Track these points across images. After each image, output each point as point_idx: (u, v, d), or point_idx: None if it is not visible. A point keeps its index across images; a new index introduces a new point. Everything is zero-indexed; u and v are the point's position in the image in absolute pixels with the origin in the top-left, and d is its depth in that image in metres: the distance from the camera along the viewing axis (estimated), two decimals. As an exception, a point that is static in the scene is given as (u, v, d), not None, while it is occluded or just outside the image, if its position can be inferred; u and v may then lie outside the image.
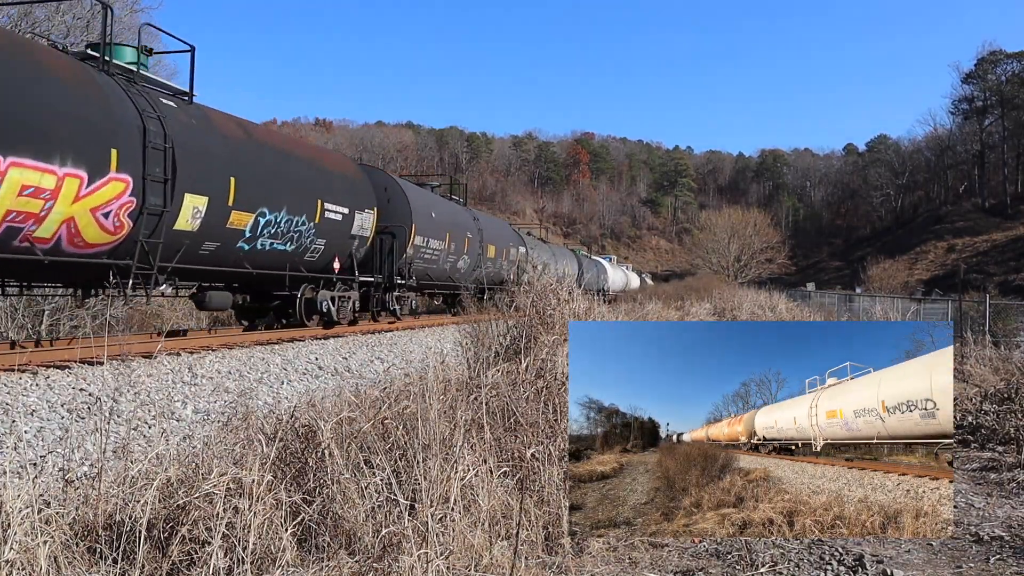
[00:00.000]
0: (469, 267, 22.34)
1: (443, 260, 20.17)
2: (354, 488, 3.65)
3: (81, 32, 24.97)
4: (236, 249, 11.98)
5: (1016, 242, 78.89)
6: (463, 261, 21.81)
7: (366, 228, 15.97)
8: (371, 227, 16.21)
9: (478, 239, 23.15)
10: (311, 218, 13.66)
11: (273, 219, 12.57)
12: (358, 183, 16.09)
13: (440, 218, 19.98)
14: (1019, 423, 7.18)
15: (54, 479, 4.11)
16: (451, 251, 20.59)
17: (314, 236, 13.94)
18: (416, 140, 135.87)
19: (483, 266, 23.60)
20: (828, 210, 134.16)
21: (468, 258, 22.15)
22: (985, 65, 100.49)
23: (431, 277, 19.74)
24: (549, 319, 7.12)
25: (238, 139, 12.01)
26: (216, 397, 7.96)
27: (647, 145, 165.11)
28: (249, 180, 11.80)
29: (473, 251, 22.58)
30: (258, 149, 12.48)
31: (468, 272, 22.28)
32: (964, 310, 19.93)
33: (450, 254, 20.59)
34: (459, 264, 21.54)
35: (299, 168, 13.66)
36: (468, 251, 22.12)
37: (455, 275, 21.43)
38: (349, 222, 15.16)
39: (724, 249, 66.06)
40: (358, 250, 15.96)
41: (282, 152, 13.47)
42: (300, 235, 13.50)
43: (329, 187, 14.54)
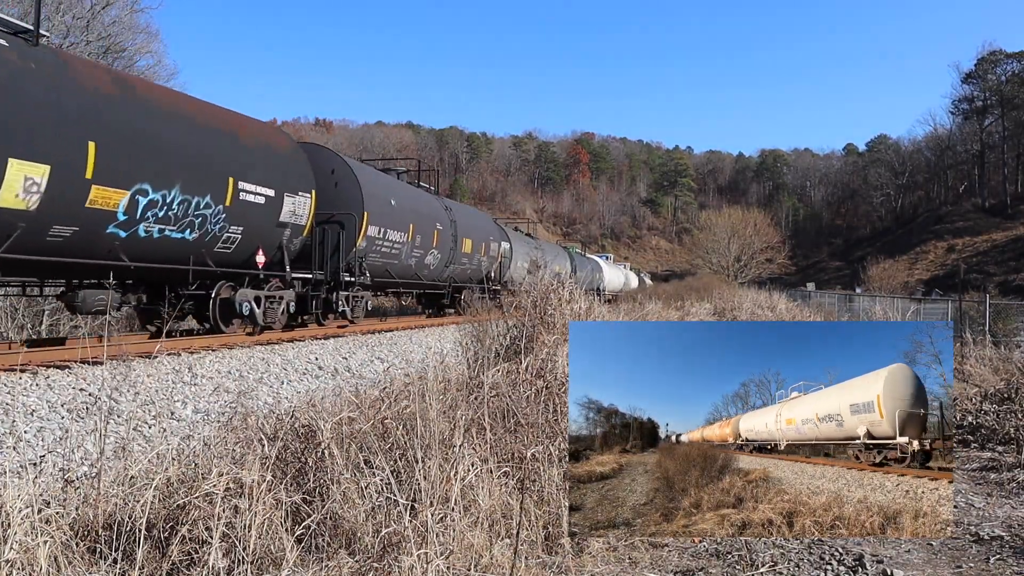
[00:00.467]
0: (440, 263, 20.29)
1: (406, 255, 17.94)
2: (354, 488, 3.65)
3: (81, 32, 24.97)
4: (106, 236, 9.56)
5: (1016, 242, 78.91)
6: (432, 256, 19.63)
7: (301, 215, 13.49)
8: (308, 214, 13.74)
9: (450, 232, 20.79)
10: (219, 199, 11.11)
11: (160, 199, 10.03)
12: (290, 161, 13.48)
13: (402, 206, 17.68)
14: (1019, 423, 7.18)
15: (54, 479, 4.11)
16: (416, 245, 18.37)
17: (225, 222, 11.38)
18: (416, 140, 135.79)
19: (457, 262, 21.45)
20: (828, 210, 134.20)
21: (439, 253, 19.95)
22: (985, 65, 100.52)
23: (392, 274, 17.58)
24: (550, 319, 7.12)
25: (106, 94, 9.42)
26: (216, 397, 7.97)
27: (647, 145, 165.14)
28: (120, 147, 9.33)
29: (444, 245, 20.33)
30: (138, 108, 9.91)
31: (439, 269, 20.33)
32: (964, 310, 19.94)
33: (415, 248, 18.37)
34: (427, 260, 19.36)
35: (202, 138, 11.05)
36: (438, 245, 19.84)
37: (423, 272, 19.35)
38: (276, 207, 12.65)
39: (724, 249, 66.04)
40: (291, 241, 13.49)
41: (175, 115, 10.70)
42: (204, 220, 10.98)
43: (246, 163, 11.94)
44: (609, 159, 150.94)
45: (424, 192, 21.29)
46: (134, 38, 28.01)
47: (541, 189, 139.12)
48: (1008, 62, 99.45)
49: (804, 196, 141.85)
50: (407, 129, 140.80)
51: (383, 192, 16.77)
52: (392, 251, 17.11)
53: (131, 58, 27.61)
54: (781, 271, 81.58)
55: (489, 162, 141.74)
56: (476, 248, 22.88)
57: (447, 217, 20.82)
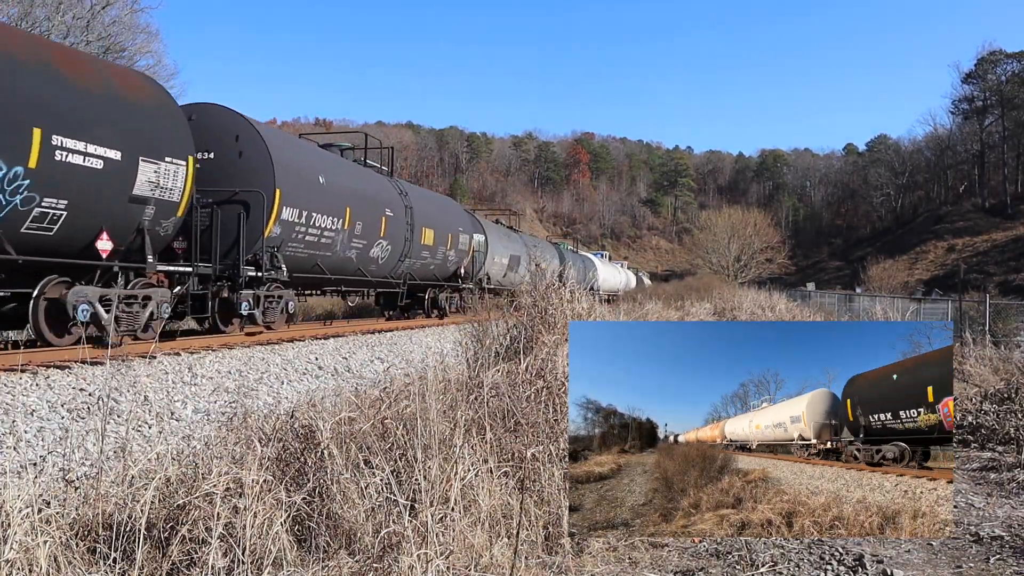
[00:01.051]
0: (392, 257, 17.18)
1: (342, 245, 14.76)
2: (354, 488, 3.65)
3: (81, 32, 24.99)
4: None
5: (1016, 242, 78.93)
6: (380, 248, 16.46)
7: (171, 189, 10.31)
8: (184, 187, 10.54)
9: (406, 220, 17.49)
10: (16, 159, 8.03)
11: None
12: (152, 115, 10.17)
13: (336, 186, 14.38)
14: (1019, 423, 7.18)
15: (54, 479, 4.11)
16: (357, 233, 15.09)
17: (32, 192, 8.26)
18: (416, 140, 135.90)
19: (416, 256, 18.42)
20: (828, 210, 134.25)
21: (388, 244, 16.72)
22: (985, 65, 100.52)
23: (324, 269, 14.45)
24: (551, 319, 7.12)
25: None
26: (216, 397, 7.97)
27: (647, 145, 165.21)
28: None
29: (397, 235, 17.04)
30: None
31: (391, 263, 17.26)
32: (964, 310, 19.93)
33: (355, 237, 15.11)
34: (374, 252, 16.26)
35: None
36: (388, 235, 16.56)
37: (368, 267, 16.22)
38: (125, 175, 9.49)
39: (724, 249, 66.01)
40: (158, 224, 10.34)
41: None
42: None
43: (70, 111, 8.73)
44: (609, 159, 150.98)
45: (372, 172, 17.70)
46: (134, 38, 28.05)
47: (541, 189, 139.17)
48: (1008, 62, 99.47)
49: (804, 196, 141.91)
50: (407, 129, 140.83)
51: (307, 167, 13.60)
52: (322, 240, 13.96)
53: (131, 58, 27.63)
54: (781, 271, 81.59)
55: (489, 162, 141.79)
56: (440, 240, 19.83)
57: (401, 202, 17.56)
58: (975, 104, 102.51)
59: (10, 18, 23.23)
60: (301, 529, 3.60)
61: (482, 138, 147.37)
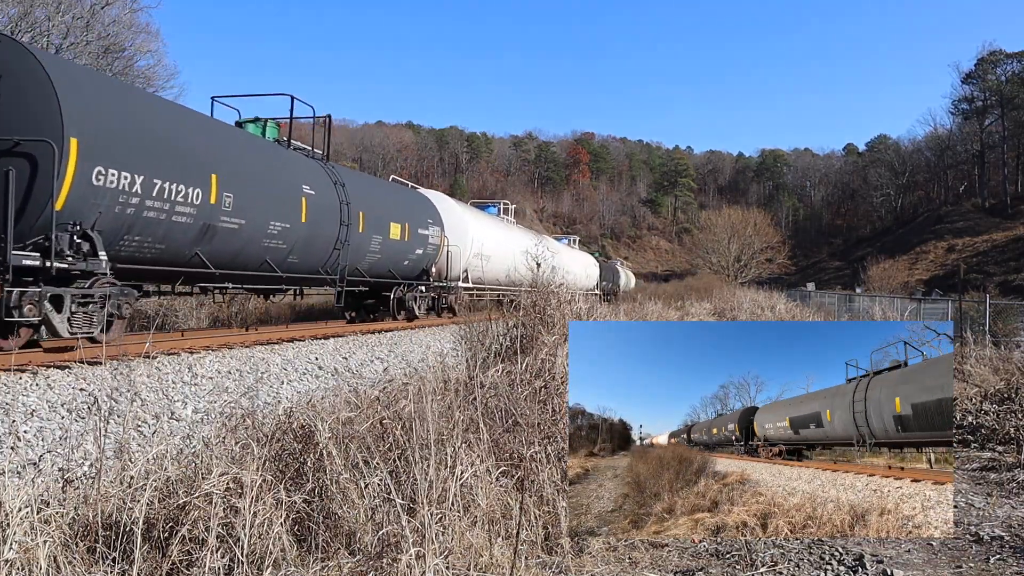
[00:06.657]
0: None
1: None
2: (353, 488, 3.65)
3: (81, 32, 24.98)
4: None
5: (1016, 242, 78.89)
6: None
7: None
8: None
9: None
10: None
11: None
12: None
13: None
14: (1019, 423, 7.19)
15: (54, 479, 4.11)
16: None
17: None
18: (416, 140, 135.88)
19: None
20: (828, 210, 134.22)
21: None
22: (985, 65, 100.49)
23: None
24: (550, 319, 7.11)
25: None
26: (216, 397, 7.96)
27: (647, 145, 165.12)
28: None
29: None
30: None
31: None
32: (964, 310, 19.92)
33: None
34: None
35: None
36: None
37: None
38: None
39: (724, 249, 66.01)
40: None
41: None
42: None
43: None
44: (609, 159, 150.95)
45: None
46: (134, 38, 28.04)
47: (541, 189, 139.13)
48: (1008, 62, 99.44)
49: (804, 196, 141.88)
50: (407, 129, 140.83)
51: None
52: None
53: (131, 58, 27.63)
54: (781, 271, 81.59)
55: (489, 162, 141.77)
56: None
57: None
58: (975, 104, 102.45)
59: (10, 18, 23.21)
60: (301, 529, 3.60)
61: (482, 138, 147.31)
